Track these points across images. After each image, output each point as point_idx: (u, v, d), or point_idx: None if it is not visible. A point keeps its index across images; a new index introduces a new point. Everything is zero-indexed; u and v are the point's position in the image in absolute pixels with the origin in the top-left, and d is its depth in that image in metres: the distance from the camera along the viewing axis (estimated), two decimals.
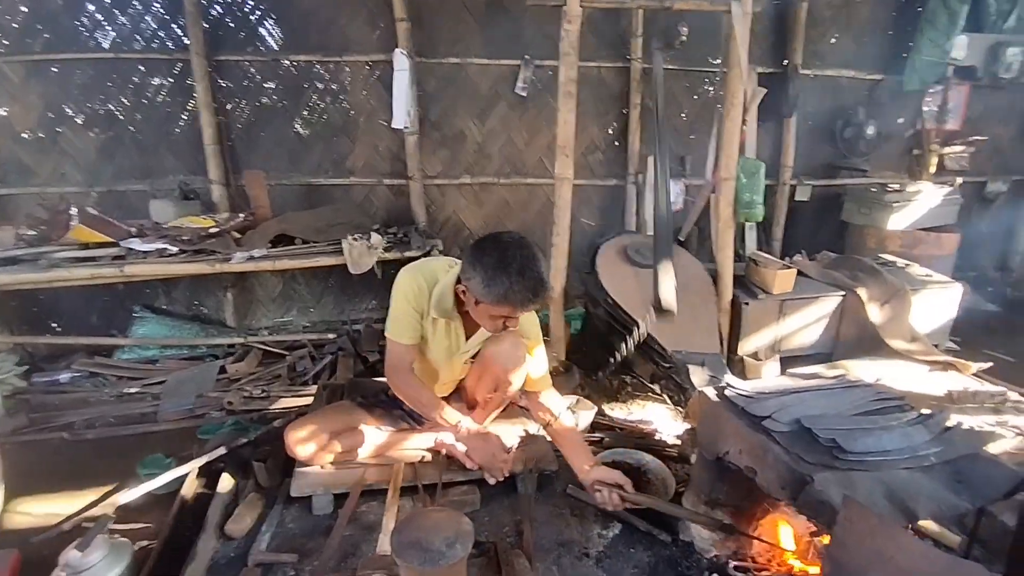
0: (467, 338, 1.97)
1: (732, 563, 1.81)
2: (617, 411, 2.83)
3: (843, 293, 3.14)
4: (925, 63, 4.41)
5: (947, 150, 4.77)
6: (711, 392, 1.86)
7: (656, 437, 2.53)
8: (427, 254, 3.24)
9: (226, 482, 2.01)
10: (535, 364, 2.02)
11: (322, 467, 1.97)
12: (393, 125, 3.78)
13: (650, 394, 2.91)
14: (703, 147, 4.13)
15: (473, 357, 2.05)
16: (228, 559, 1.76)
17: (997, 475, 1.46)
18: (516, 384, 1.98)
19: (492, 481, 1.98)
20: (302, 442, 1.91)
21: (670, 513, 1.88)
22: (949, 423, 1.66)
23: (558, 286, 2.83)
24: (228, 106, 3.73)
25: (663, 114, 2.81)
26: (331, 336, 3.58)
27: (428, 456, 2.06)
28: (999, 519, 1.72)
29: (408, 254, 3.25)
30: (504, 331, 1.86)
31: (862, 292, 3.10)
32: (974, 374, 2.88)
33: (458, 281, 1.80)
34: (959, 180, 4.53)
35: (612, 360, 2.75)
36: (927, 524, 1.89)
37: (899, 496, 1.39)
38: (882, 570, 1.17)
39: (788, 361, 3.09)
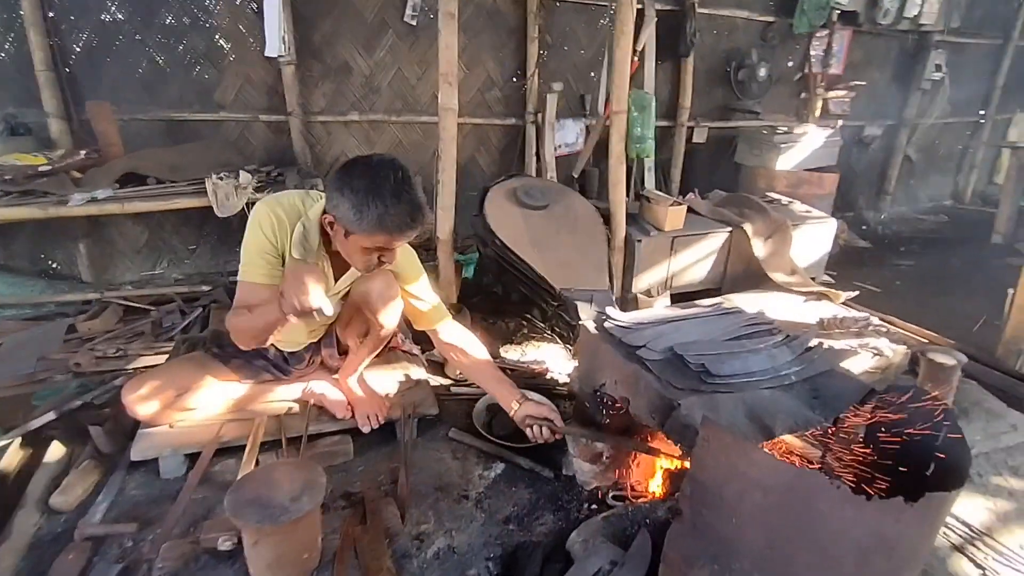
0: (336, 279, 1.80)
1: (611, 493, 1.82)
2: (512, 353, 2.77)
3: (730, 229, 3.21)
4: (813, 6, 4.51)
5: (831, 94, 4.98)
6: (591, 324, 1.81)
7: (547, 376, 2.50)
8: None
9: (56, 450, 1.76)
10: (422, 298, 1.89)
11: (171, 426, 1.76)
12: (266, 53, 3.40)
13: (544, 335, 2.88)
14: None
15: (344, 299, 1.88)
16: (55, 535, 1.54)
17: (848, 388, 1.51)
18: (388, 325, 1.84)
19: (366, 429, 1.86)
20: (143, 400, 1.68)
21: (594, 440, 1.87)
22: (811, 344, 1.71)
23: (446, 227, 2.68)
24: (63, 27, 3.19)
25: None
26: (206, 288, 3.26)
27: (295, 407, 1.90)
28: (853, 433, 1.82)
29: None
30: (377, 269, 1.71)
31: (748, 227, 3.18)
32: (843, 303, 3.05)
33: (324, 213, 1.61)
34: (839, 123, 4.75)
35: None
36: (793, 441, 1.98)
37: (758, 414, 1.40)
38: (737, 484, 1.17)
39: (680, 297, 3.15)
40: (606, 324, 1.77)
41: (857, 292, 3.08)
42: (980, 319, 3.39)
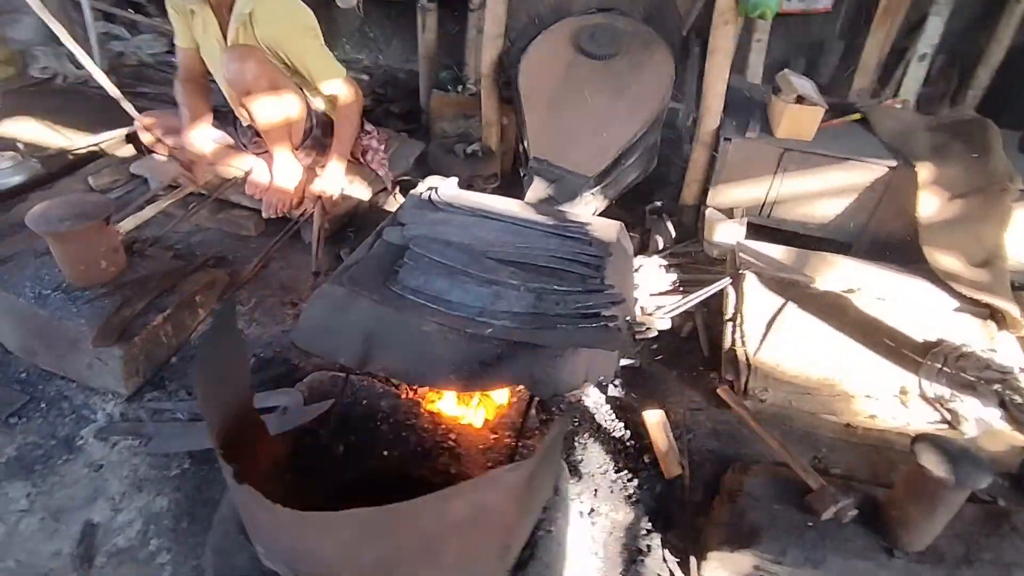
0: (223, 31, 1.86)
1: None
2: None
3: (894, 164, 2.07)
4: None
5: None
6: (420, 188, 1.57)
7: None
8: None
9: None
10: (310, 57, 1.90)
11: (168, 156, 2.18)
12: None
13: None
14: None
15: None
16: None
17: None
18: (263, 113, 1.86)
19: (264, 214, 2.04)
20: (144, 129, 2.11)
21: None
22: (604, 312, 1.18)
23: (488, 58, 2.37)
24: None
25: None
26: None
27: (239, 175, 2.14)
28: None
29: None
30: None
31: (923, 170, 2.00)
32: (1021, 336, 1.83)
33: None
34: None
35: None
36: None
37: (373, 343, 1.12)
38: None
39: (782, 238, 2.25)
40: (422, 193, 1.52)
41: None
42: None
